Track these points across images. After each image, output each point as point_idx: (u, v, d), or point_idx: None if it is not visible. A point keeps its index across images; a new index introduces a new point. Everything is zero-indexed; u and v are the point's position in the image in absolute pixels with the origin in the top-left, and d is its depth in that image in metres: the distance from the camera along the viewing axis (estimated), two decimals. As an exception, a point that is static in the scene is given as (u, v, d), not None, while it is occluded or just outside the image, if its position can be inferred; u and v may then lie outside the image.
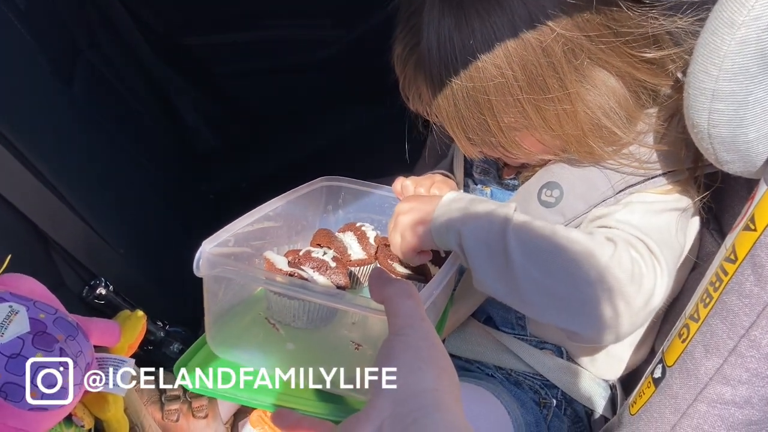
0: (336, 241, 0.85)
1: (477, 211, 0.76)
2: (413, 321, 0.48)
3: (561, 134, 0.75)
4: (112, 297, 1.13)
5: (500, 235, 0.73)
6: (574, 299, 0.71)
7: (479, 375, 0.94)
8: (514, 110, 0.73)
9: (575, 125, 0.74)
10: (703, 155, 0.69)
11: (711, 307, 0.64)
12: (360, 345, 0.68)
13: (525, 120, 0.74)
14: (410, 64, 0.79)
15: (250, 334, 0.75)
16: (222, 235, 0.71)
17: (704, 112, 0.63)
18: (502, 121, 0.74)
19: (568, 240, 0.72)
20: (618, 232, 0.75)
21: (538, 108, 0.73)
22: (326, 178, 0.94)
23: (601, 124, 0.74)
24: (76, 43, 1.47)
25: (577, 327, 0.73)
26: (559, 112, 0.73)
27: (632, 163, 0.77)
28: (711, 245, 0.84)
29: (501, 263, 0.73)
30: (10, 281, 0.72)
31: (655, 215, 0.77)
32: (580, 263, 0.71)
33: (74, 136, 1.28)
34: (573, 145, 0.77)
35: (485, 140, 0.77)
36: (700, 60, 0.62)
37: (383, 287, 0.51)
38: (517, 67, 0.70)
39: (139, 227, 1.39)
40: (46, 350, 0.66)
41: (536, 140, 0.77)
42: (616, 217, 0.77)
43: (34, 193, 1.06)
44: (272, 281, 0.64)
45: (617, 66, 0.73)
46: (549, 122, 0.74)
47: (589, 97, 0.73)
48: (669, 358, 0.69)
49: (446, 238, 0.77)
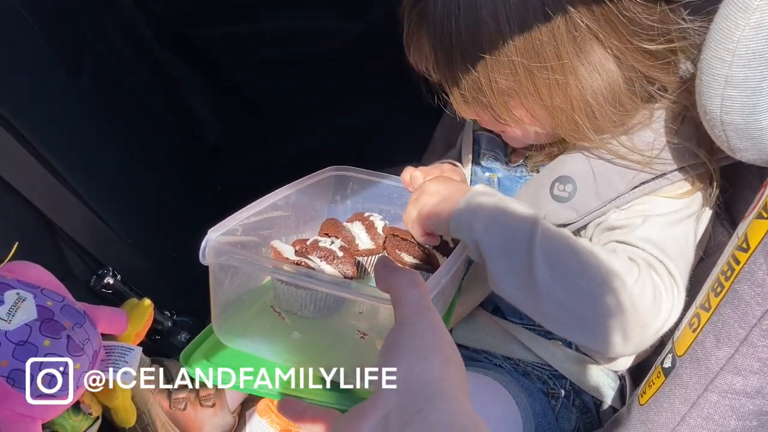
0: (344, 231, 0.85)
1: (503, 213, 0.75)
2: (419, 310, 0.47)
3: (549, 106, 0.75)
4: (120, 286, 1.13)
5: (526, 248, 0.72)
6: (594, 321, 0.72)
7: (487, 365, 0.93)
8: (506, 71, 0.73)
9: (564, 98, 0.74)
10: (717, 148, 0.68)
11: (722, 296, 0.63)
12: (366, 334, 0.68)
13: (516, 84, 0.74)
14: (415, 13, 0.79)
15: (257, 323, 0.74)
16: (229, 223, 0.71)
17: (717, 98, 0.62)
18: (494, 81, 0.74)
19: (596, 261, 0.72)
20: (640, 252, 0.75)
21: (530, 73, 0.73)
22: (334, 167, 0.94)
23: (589, 103, 0.75)
24: (85, 34, 1.47)
25: (592, 344, 0.76)
26: (550, 82, 0.73)
27: (633, 156, 0.76)
28: (722, 235, 0.84)
29: (524, 275, 0.72)
30: (17, 269, 0.73)
31: (673, 227, 0.77)
32: (605, 287, 0.71)
33: (82, 126, 1.28)
34: (560, 120, 0.76)
35: (478, 99, 0.77)
36: (713, 45, 0.61)
37: (389, 276, 0.51)
38: (515, 26, 0.71)
39: (147, 217, 1.39)
40: (53, 337, 0.67)
41: (526, 110, 0.77)
42: (637, 234, 0.77)
43: (41, 182, 1.06)
44: (279, 270, 0.64)
45: (617, 48, 0.72)
46: (539, 90, 0.74)
47: (583, 72, 0.73)
48: (679, 347, 0.69)
49: (463, 234, 0.76)
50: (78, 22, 1.46)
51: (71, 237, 1.10)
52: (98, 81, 1.43)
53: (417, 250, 0.83)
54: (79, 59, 1.38)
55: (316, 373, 0.66)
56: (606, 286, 0.71)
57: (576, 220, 0.80)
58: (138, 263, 1.23)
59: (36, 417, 0.66)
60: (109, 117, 1.40)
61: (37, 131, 1.04)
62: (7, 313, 0.65)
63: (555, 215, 0.81)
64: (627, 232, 0.78)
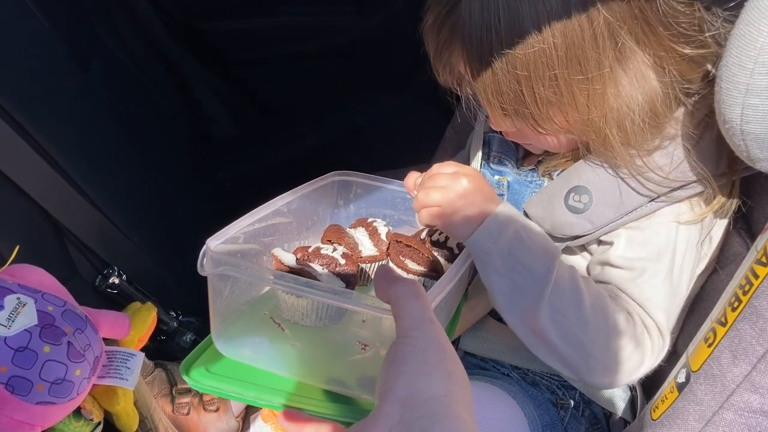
0: (347, 237, 0.83)
1: (522, 247, 0.73)
2: (420, 323, 0.46)
3: (585, 117, 0.73)
4: (125, 286, 1.13)
5: (536, 296, 0.72)
6: (578, 365, 0.75)
7: (495, 374, 0.92)
8: (548, 82, 0.70)
9: (600, 110, 0.72)
10: (738, 158, 0.66)
11: (740, 312, 0.61)
12: (367, 345, 0.66)
13: (555, 96, 0.71)
14: (445, 29, 0.76)
15: (256, 334, 0.73)
16: (228, 232, 0.69)
17: (737, 107, 0.60)
18: (538, 91, 0.71)
19: (600, 318, 0.74)
20: (639, 311, 0.76)
21: (570, 84, 0.70)
22: (338, 172, 0.92)
23: (624, 114, 0.72)
24: (94, 29, 1.46)
25: (567, 374, 0.78)
26: (589, 92, 0.71)
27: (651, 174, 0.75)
28: (738, 245, 0.81)
29: (527, 315, 0.74)
30: (18, 273, 0.71)
31: (675, 273, 0.77)
32: (600, 343, 0.74)
33: (89, 123, 1.27)
34: (593, 133, 0.74)
35: (518, 111, 0.74)
36: (735, 52, 0.59)
37: (389, 286, 0.49)
38: (559, 35, 0.68)
39: (153, 215, 1.38)
40: (53, 343, 0.65)
41: (563, 119, 0.75)
42: (639, 288, 0.77)
43: (47, 180, 1.05)
44: (278, 281, 0.62)
45: (656, 54, 0.70)
46: (577, 101, 0.71)
47: (622, 80, 0.71)
48: (694, 362, 0.67)
49: (479, 257, 0.75)
50: (88, 18, 1.46)
51: (76, 236, 1.09)
52: (108, 77, 1.42)
53: (421, 257, 0.81)
54: (89, 54, 1.37)
55: (317, 384, 0.64)
56: (602, 342, 0.74)
57: (591, 231, 0.78)
58: (144, 263, 1.22)
59: (35, 424, 0.65)
60: (117, 113, 1.40)
61: (44, 128, 1.04)
62: (6, 318, 0.64)
63: (569, 226, 0.79)
64: (629, 280, 0.78)
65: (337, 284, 0.73)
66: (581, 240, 0.80)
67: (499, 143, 0.96)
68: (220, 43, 1.98)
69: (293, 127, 2.07)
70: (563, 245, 0.82)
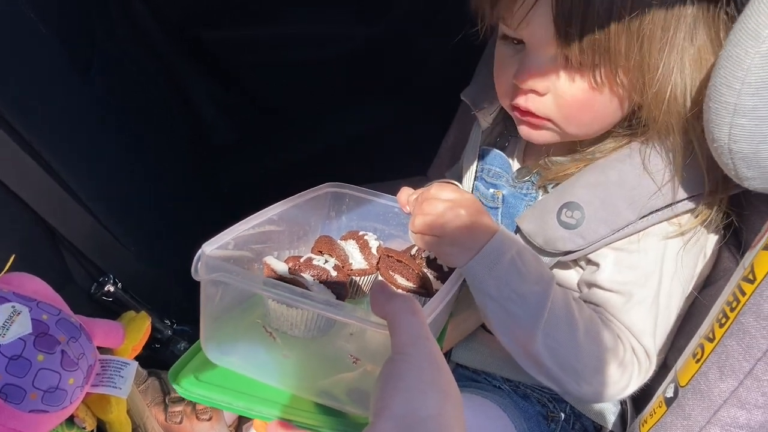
0: (337, 249, 0.84)
1: (518, 277, 0.74)
2: (417, 340, 0.46)
3: (655, 70, 0.72)
4: (121, 294, 1.13)
5: (531, 324, 0.74)
6: (566, 384, 0.77)
7: (486, 387, 0.92)
8: (632, 14, 0.69)
9: (667, 66, 0.72)
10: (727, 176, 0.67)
11: (727, 328, 0.62)
12: (358, 359, 0.66)
13: (635, 33, 0.70)
14: None
15: (246, 342, 0.73)
16: (223, 238, 0.70)
17: (725, 126, 0.61)
18: (620, 19, 0.69)
19: (592, 345, 0.75)
20: (629, 337, 0.78)
21: (654, 24, 0.70)
22: (331, 184, 0.92)
23: (687, 82, 0.72)
24: (93, 35, 1.46)
25: (563, 394, 0.83)
26: (662, 44, 0.71)
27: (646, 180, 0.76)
28: (728, 261, 0.82)
29: (521, 341, 0.75)
30: (14, 281, 0.72)
31: (662, 297, 0.79)
32: (591, 368, 0.76)
33: (86, 128, 1.26)
34: (654, 95, 0.73)
35: (588, 40, 0.71)
36: (723, 73, 0.60)
37: (386, 302, 0.50)
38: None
39: (149, 222, 1.38)
40: (47, 352, 0.66)
41: (627, 67, 0.73)
42: (629, 315, 0.79)
43: (43, 187, 1.05)
44: (271, 289, 0.63)
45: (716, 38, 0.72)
46: (653, 45, 0.71)
47: (690, 52, 0.72)
48: (682, 377, 0.67)
49: (473, 284, 0.75)
50: (87, 23, 1.46)
51: (72, 243, 1.10)
52: (106, 83, 1.42)
53: (411, 273, 0.81)
54: (88, 60, 1.37)
55: (308, 396, 0.65)
56: (592, 366, 0.75)
57: (583, 247, 0.79)
58: (140, 270, 1.23)
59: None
60: (115, 119, 1.40)
61: (40, 134, 1.04)
62: (1, 327, 0.64)
63: (562, 242, 0.80)
64: (618, 306, 0.79)
65: (328, 296, 0.73)
66: (573, 255, 0.81)
67: (493, 156, 0.96)
68: (219, 49, 1.99)
69: (291, 134, 2.07)
70: (555, 260, 0.82)
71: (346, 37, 1.94)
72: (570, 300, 0.76)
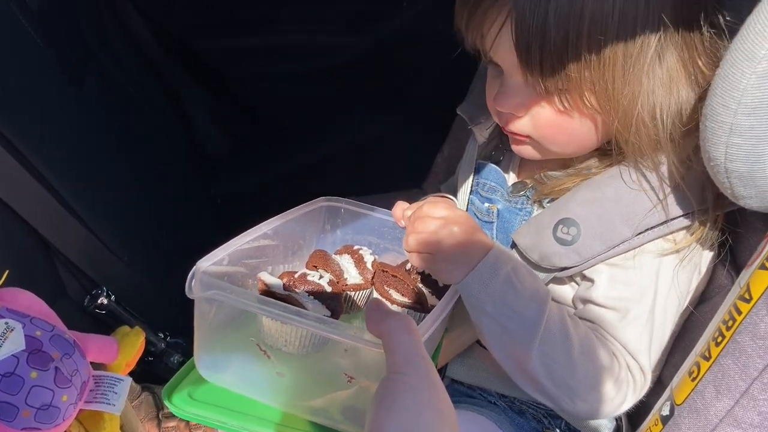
0: (332, 264, 0.83)
1: (513, 293, 0.74)
2: (412, 359, 0.46)
3: (618, 95, 0.73)
4: (114, 307, 1.12)
5: (526, 341, 0.74)
6: (561, 401, 0.77)
7: (481, 402, 0.92)
8: (595, 43, 0.70)
9: (633, 91, 0.73)
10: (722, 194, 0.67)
11: (723, 347, 0.62)
12: (353, 377, 0.66)
13: (597, 61, 0.71)
14: None
15: (240, 360, 0.72)
16: (217, 255, 0.70)
17: (721, 146, 0.61)
18: (583, 50, 0.71)
19: (588, 361, 0.76)
20: (624, 353, 0.78)
21: (615, 52, 0.71)
22: (326, 198, 0.92)
23: (654, 108, 0.73)
24: (88, 45, 1.46)
25: (558, 411, 0.83)
26: (626, 69, 0.72)
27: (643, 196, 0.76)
28: (723, 277, 0.82)
29: (516, 358, 0.75)
30: (7, 296, 0.71)
31: (657, 313, 0.79)
32: (587, 386, 0.76)
33: (80, 139, 1.26)
34: (622, 119, 0.74)
35: (554, 69, 0.73)
36: (719, 92, 0.60)
37: (381, 320, 0.50)
38: (617, 19, 0.69)
39: (143, 234, 1.38)
40: (41, 369, 0.65)
41: (593, 94, 0.74)
42: (624, 332, 0.79)
43: (36, 198, 1.05)
44: (265, 307, 0.62)
45: (685, 62, 0.73)
46: (615, 73, 0.72)
47: (657, 73, 0.73)
48: (678, 396, 0.67)
49: (469, 301, 0.75)
50: (82, 33, 1.45)
51: (66, 256, 1.09)
52: (101, 94, 1.41)
53: (406, 288, 0.81)
54: (81, 70, 1.37)
55: (302, 415, 0.64)
56: (588, 384, 0.76)
57: (579, 263, 0.79)
58: (133, 282, 1.22)
59: (21, 450, 0.65)
60: (110, 130, 1.39)
61: (32, 144, 1.03)
62: (-6, 343, 0.64)
63: (557, 258, 0.80)
64: (613, 322, 0.79)
65: (323, 312, 0.73)
66: (569, 272, 0.81)
67: (489, 170, 0.97)
68: (213, 60, 1.99)
69: (285, 144, 2.06)
70: (551, 276, 0.82)
71: (340, 48, 1.94)
72: (565, 316, 0.76)
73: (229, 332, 0.73)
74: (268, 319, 0.70)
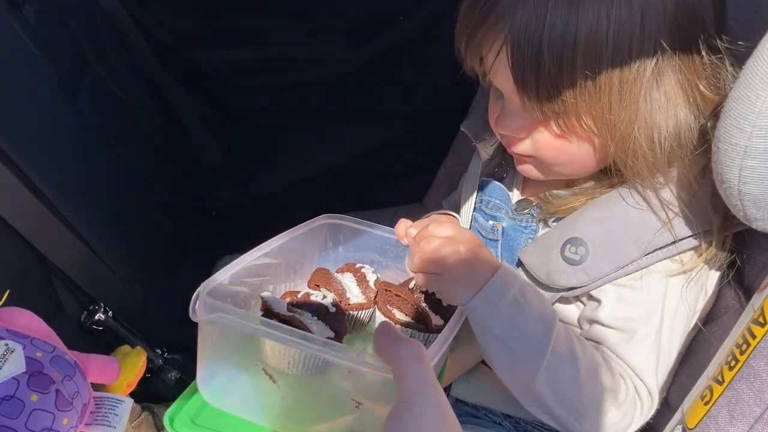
0: (334, 283, 0.82)
1: (521, 314, 0.73)
2: (423, 389, 0.46)
3: (615, 119, 0.73)
4: (111, 323, 1.11)
5: (534, 364, 0.73)
6: (575, 426, 0.76)
7: (487, 423, 0.91)
8: (590, 69, 0.70)
9: (629, 115, 0.72)
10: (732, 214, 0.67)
11: (737, 371, 0.61)
12: (360, 403, 0.64)
13: (593, 86, 0.71)
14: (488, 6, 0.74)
15: (245, 383, 0.71)
16: (220, 277, 0.69)
17: (735, 168, 0.61)
18: (578, 75, 0.71)
19: (595, 383, 0.75)
20: (631, 375, 0.77)
21: (611, 77, 0.71)
22: (328, 216, 0.91)
23: (651, 131, 0.73)
24: (84, 56, 1.45)
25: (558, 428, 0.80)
26: (623, 93, 0.71)
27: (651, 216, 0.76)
28: (730, 297, 0.82)
29: (523, 380, 0.75)
30: (6, 316, 0.70)
31: (664, 333, 0.78)
32: (593, 407, 0.75)
33: (77, 152, 1.25)
34: (618, 142, 0.74)
35: (550, 95, 0.73)
36: (733, 115, 0.60)
37: (391, 347, 0.49)
38: (614, 24, 0.68)
39: (140, 248, 1.36)
40: (41, 392, 0.64)
41: (590, 117, 0.74)
42: (631, 353, 0.78)
43: (32, 213, 1.03)
44: (269, 330, 0.61)
45: (686, 77, 0.73)
46: (612, 97, 0.72)
47: (654, 95, 0.72)
48: (690, 420, 0.66)
49: (476, 324, 0.75)
50: (78, 45, 1.44)
51: (63, 271, 1.07)
52: (96, 104, 1.40)
53: (410, 308, 0.80)
54: (78, 82, 1.36)
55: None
56: (595, 406, 0.75)
57: (587, 283, 0.79)
58: (130, 298, 1.20)
59: (20, 474, 0.63)
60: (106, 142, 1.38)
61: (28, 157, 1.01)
62: (-6, 366, 0.62)
63: (565, 277, 0.79)
64: (620, 344, 0.78)
65: (327, 333, 0.72)
66: (576, 291, 0.80)
67: (493, 188, 0.96)
68: (210, 72, 1.97)
69: (282, 158, 2.05)
70: (557, 295, 0.82)
71: (337, 61, 1.94)
72: (573, 338, 0.76)
73: (233, 355, 0.72)
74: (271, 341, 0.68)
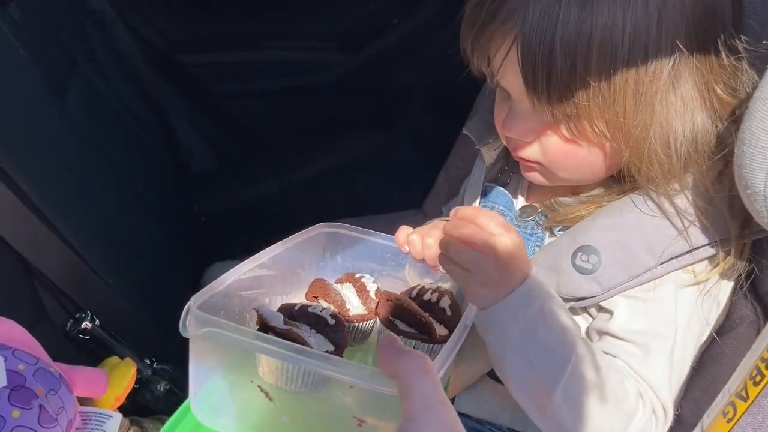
0: (333, 294, 0.79)
1: (544, 325, 0.70)
2: (431, 404, 0.43)
3: (630, 123, 0.70)
4: (98, 332, 1.06)
5: (552, 380, 0.69)
6: None
7: (492, 438, 0.88)
8: (604, 71, 0.68)
9: (645, 119, 0.70)
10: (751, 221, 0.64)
11: (762, 387, 0.58)
12: (363, 421, 0.61)
13: (608, 88, 0.69)
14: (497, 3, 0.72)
15: (240, 402, 0.67)
16: (212, 290, 0.65)
17: (761, 172, 0.58)
18: (591, 77, 0.68)
19: (614, 400, 0.71)
20: (647, 391, 0.74)
21: (626, 79, 0.68)
22: (325, 224, 0.87)
23: (667, 135, 0.71)
24: (73, 57, 1.42)
25: None
26: (638, 96, 0.69)
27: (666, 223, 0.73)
28: (744, 308, 0.79)
29: (539, 395, 0.71)
30: (-13, 326, 0.66)
31: (677, 349, 0.75)
32: (611, 424, 0.72)
33: (64, 154, 1.21)
34: (633, 147, 0.72)
35: (562, 97, 0.70)
36: (759, 116, 0.57)
37: (396, 359, 0.46)
38: (630, 25, 0.66)
39: (128, 254, 1.32)
40: (23, 408, 0.60)
41: (603, 121, 0.71)
42: (646, 367, 0.75)
43: (16, 217, 0.99)
44: (265, 345, 0.57)
45: (701, 88, 0.71)
46: (626, 101, 0.69)
47: (671, 99, 0.70)
48: (711, 437, 0.64)
49: (491, 330, 0.72)
50: (67, 45, 1.42)
51: (48, 277, 1.03)
52: (85, 107, 1.38)
53: (412, 318, 0.76)
54: (66, 83, 1.33)
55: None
56: (614, 425, 0.72)
57: (599, 293, 0.76)
58: (118, 306, 1.16)
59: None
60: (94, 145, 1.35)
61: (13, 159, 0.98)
62: (-28, 380, 0.58)
63: (577, 287, 0.76)
64: (636, 358, 0.75)
65: (327, 347, 0.68)
66: (586, 302, 0.77)
67: (496, 194, 0.94)
68: (201, 75, 1.96)
69: (274, 163, 2.03)
70: (567, 306, 0.79)
71: (330, 66, 1.92)
72: (594, 353, 0.72)
73: (226, 372, 0.68)
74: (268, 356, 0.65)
